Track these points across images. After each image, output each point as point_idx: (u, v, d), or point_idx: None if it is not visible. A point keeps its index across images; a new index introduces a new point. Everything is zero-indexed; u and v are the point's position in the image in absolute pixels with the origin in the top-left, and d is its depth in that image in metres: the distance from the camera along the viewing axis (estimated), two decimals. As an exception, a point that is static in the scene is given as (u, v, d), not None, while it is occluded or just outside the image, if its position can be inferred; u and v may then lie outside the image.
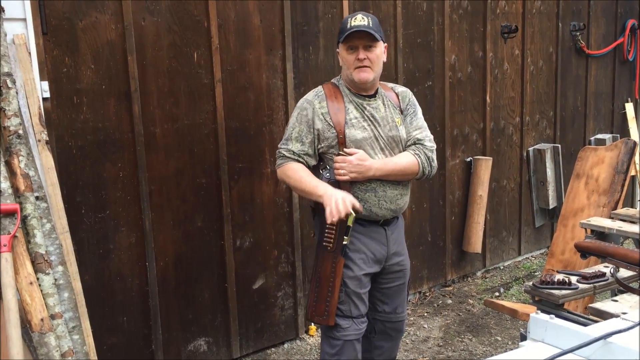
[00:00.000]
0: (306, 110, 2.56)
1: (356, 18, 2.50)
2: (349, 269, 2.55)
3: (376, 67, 2.53)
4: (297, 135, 2.55)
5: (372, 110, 2.57)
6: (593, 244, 2.16)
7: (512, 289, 4.56)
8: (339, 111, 2.53)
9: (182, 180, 3.17)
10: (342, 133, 2.51)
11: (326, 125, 2.52)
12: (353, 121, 2.53)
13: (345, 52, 2.52)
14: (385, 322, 2.78)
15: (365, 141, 2.53)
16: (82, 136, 2.86)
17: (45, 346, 2.18)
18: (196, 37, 3.13)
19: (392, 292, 2.75)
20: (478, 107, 4.58)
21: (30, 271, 2.22)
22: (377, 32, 2.50)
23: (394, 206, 2.60)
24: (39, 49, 2.66)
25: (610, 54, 5.61)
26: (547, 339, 1.41)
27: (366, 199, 2.54)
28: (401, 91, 2.71)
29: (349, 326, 2.58)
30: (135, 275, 3.08)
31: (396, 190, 2.59)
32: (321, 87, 2.64)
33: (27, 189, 2.27)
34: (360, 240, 2.58)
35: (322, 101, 2.55)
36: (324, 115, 2.53)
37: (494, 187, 4.75)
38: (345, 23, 2.52)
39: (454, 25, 4.32)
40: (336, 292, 2.53)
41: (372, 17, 2.53)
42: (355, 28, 2.45)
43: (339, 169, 2.49)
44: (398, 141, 2.61)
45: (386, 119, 2.58)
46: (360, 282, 2.58)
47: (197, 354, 3.33)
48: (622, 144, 3.64)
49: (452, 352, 3.64)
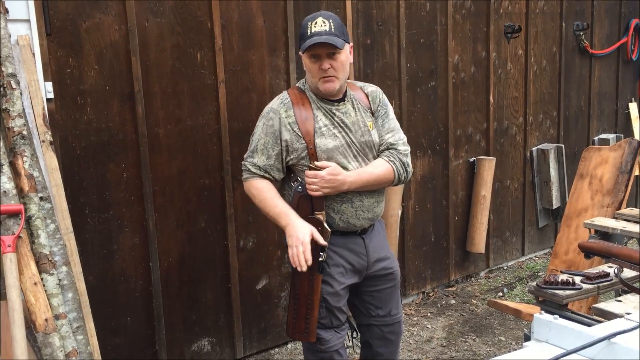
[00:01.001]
0: (272, 120, 2.42)
1: (316, 22, 2.33)
2: (328, 284, 2.46)
3: (342, 74, 2.38)
4: (263, 148, 2.42)
5: (341, 115, 2.43)
6: (597, 244, 2.15)
7: (515, 289, 4.55)
8: (307, 120, 2.39)
9: (186, 181, 3.18)
10: (312, 143, 2.37)
11: (294, 136, 2.39)
12: (323, 129, 2.40)
13: (308, 60, 2.37)
14: (382, 327, 2.69)
15: (337, 149, 2.40)
16: (85, 137, 2.86)
17: (50, 346, 2.19)
18: (199, 38, 3.14)
19: (384, 295, 2.65)
20: (481, 107, 4.58)
21: (34, 272, 2.22)
22: (341, 35, 2.33)
23: (371, 214, 2.51)
24: (42, 50, 2.66)
25: (614, 54, 5.60)
26: (551, 339, 1.41)
27: (343, 211, 2.43)
28: (371, 91, 2.55)
29: (331, 337, 2.52)
30: (139, 276, 3.08)
31: (372, 199, 2.49)
32: (286, 94, 2.48)
33: (31, 190, 2.28)
34: (338, 254, 2.48)
35: (289, 109, 2.41)
36: (291, 125, 2.39)
37: (498, 187, 4.75)
38: (305, 28, 2.35)
39: (457, 25, 4.32)
40: (315, 309, 2.44)
41: (333, 18, 2.36)
42: (315, 36, 2.30)
43: (311, 184, 2.35)
44: (371, 146, 2.48)
45: (357, 123, 2.45)
46: (339, 296, 2.50)
47: (201, 355, 3.33)
48: (625, 143, 3.63)
49: (456, 353, 3.63)
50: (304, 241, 2.30)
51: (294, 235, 2.32)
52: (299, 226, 2.34)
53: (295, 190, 2.43)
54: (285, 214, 2.38)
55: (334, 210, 2.42)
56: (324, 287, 2.46)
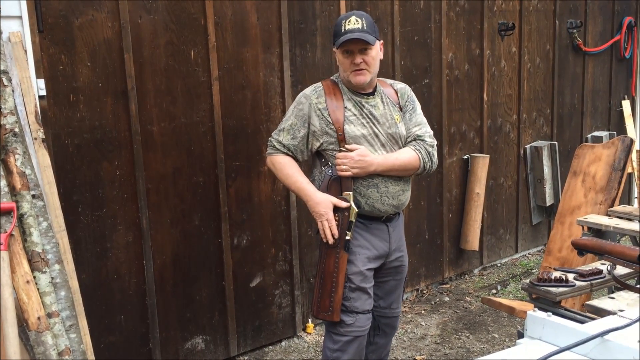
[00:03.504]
0: (302, 104, 2.58)
1: (350, 20, 2.48)
2: (352, 264, 2.56)
3: (373, 68, 2.54)
4: (289, 128, 2.59)
5: (370, 108, 2.58)
6: (590, 242, 2.16)
7: (509, 286, 4.56)
8: (337, 108, 2.54)
9: (180, 179, 3.17)
10: (342, 130, 2.52)
11: (324, 122, 2.54)
12: (351, 118, 2.54)
13: (341, 55, 2.53)
14: (380, 318, 2.80)
15: (365, 137, 2.54)
16: (78, 134, 2.85)
17: (42, 345, 2.18)
18: (193, 36, 3.13)
19: (389, 287, 2.77)
20: (475, 104, 4.58)
21: (27, 270, 2.21)
22: (372, 33, 2.49)
23: (396, 202, 2.61)
24: (35, 47, 2.65)
25: (607, 52, 5.62)
26: (545, 337, 1.41)
27: (369, 195, 2.56)
28: (400, 87, 2.71)
29: (352, 322, 2.57)
30: (133, 274, 3.07)
31: (398, 186, 2.61)
32: (320, 83, 2.64)
33: (23, 188, 2.27)
34: (363, 237, 2.59)
35: (320, 97, 2.56)
36: (321, 111, 2.54)
37: (492, 184, 4.76)
38: (339, 26, 2.50)
39: (451, 23, 4.32)
40: (340, 287, 2.54)
41: (365, 17, 2.52)
42: (349, 33, 2.45)
43: (341, 164, 2.51)
44: (398, 138, 2.62)
45: (385, 116, 2.59)
46: (364, 277, 2.59)
47: (195, 353, 3.33)
48: (619, 141, 3.64)
49: (450, 350, 3.64)
50: (328, 215, 2.49)
51: (316, 211, 2.52)
52: (320, 201, 2.51)
53: (325, 174, 2.57)
54: (305, 189, 2.55)
55: (360, 194, 2.55)
56: (349, 266, 2.55)
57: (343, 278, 2.54)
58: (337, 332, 2.58)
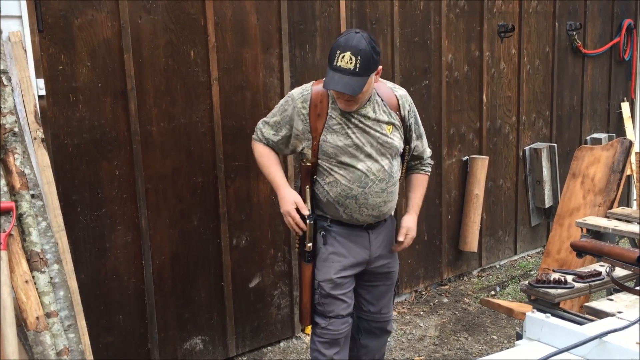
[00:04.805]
0: (288, 106, 2.56)
1: (344, 56, 2.29)
2: (325, 272, 2.58)
3: (363, 99, 2.44)
4: (273, 124, 2.61)
5: (359, 117, 2.48)
6: (589, 243, 2.16)
7: (508, 288, 4.56)
8: (319, 117, 2.48)
9: (179, 179, 3.17)
10: (317, 140, 2.48)
11: (307, 128, 2.51)
12: (335, 127, 2.47)
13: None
14: (371, 322, 2.80)
15: (346, 149, 2.47)
16: (78, 134, 2.85)
17: (41, 345, 2.18)
18: (193, 36, 3.13)
19: (378, 292, 2.75)
20: (475, 106, 4.58)
21: (25, 269, 2.21)
22: (365, 72, 2.31)
23: (377, 212, 2.57)
24: (34, 47, 2.65)
25: (606, 54, 5.62)
26: (543, 338, 1.42)
27: (347, 205, 2.53)
28: (402, 95, 2.60)
29: (325, 325, 2.62)
30: (132, 274, 3.07)
31: (379, 199, 2.55)
32: (310, 87, 2.54)
33: (22, 187, 2.27)
34: (340, 243, 2.58)
35: (306, 102, 2.50)
36: (305, 116, 2.50)
37: (490, 186, 4.76)
38: (333, 57, 2.33)
39: (450, 24, 4.32)
40: (305, 295, 2.62)
41: (363, 54, 2.28)
42: (338, 72, 2.30)
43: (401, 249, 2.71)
44: (387, 148, 2.53)
45: (374, 126, 2.49)
46: (335, 284, 2.59)
47: (193, 353, 3.32)
48: (618, 143, 3.65)
49: (448, 351, 3.64)
50: (291, 213, 2.53)
51: (281, 206, 2.58)
52: (284, 196, 2.56)
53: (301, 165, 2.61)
54: (275, 182, 2.62)
55: (338, 203, 2.53)
56: (321, 273, 2.58)
57: (307, 286, 2.61)
58: (315, 333, 2.68)
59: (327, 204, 2.56)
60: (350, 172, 2.49)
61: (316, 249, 2.60)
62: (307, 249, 2.57)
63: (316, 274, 2.60)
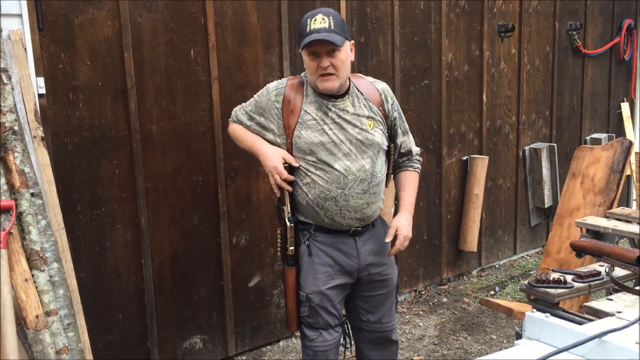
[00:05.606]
0: (263, 97, 2.45)
1: (316, 19, 2.26)
2: (312, 283, 2.44)
3: (342, 72, 2.30)
4: (249, 111, 2.50)
5: (338, 111, 2.36)
6: (589, 243, 2.16)
7: (507, 287, 4.57)
8: (292, 113, 2.38)
9: (179, 178, 3.17)
10: (290, 137, 2.37)
11: (280, 122, 2.40)
12: (310, 123, 2.35)
13: (307, 57, 2.30)
14: (372, 332, 2.62)
15: (323, 145, 2.34)
16: (78, 133, 2.85)
17: (40, 343, 2.18)
18: (193, 35, 3.13)
19: (375, 301, 2.58)
20: (475, 106, 4.58)
21: (25, 268, 2.21)
22: (341, 33, 2.26)
23: (360, 215, 2.41)
24: (35, 45, 2.65)
25: (606, 54, 5.62)
26: (543, 338, 1.42)
27: (327, 208, 2.37)
28: (383, 88, 2.50)
29: (316, 337, 2.49)
30: (131, 273, 3.07)
31: (361, 200, 2.39)
32: (285, 81, 2.46)
33: (22, 186, 2.27)
34: (326, 253, 2.44)
35: (279, 95, 2.40)
36: (278, 111, 2.40)
37: (490, 186, 4.76)
38: (305, 25, 2.28)
39: (451, 24, 4.32)
40: (290, 301, 2.49)
41: (334, 15, 2.28)
42: (314, 33, 2.23)
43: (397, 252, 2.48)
44: (368, 145, 2.40)
45: (353, 121, 2.38)
46: (324, 296, 2.44)
47: (193, 352, 3.32)
48: (617, 143, 3.65)
49: (448, 351, 3.64)
50: (278, 169, 2.37)
51: (266, 164, 2.42)
52: (270, 153, 2.41)
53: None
54: (256, 143, 2.47)
55: (318, 205, 2.38)
56: (308, 285, 2.45)
57: (291, 291, 2.47)
58: (304, 344, 2.54)
59: (307, 207, 2.40)
60: (327, 173, 2.35)
61: (299, 254, 2.47)
62: (289, 252, 2.44)
63: (302, 284, 2.46)
